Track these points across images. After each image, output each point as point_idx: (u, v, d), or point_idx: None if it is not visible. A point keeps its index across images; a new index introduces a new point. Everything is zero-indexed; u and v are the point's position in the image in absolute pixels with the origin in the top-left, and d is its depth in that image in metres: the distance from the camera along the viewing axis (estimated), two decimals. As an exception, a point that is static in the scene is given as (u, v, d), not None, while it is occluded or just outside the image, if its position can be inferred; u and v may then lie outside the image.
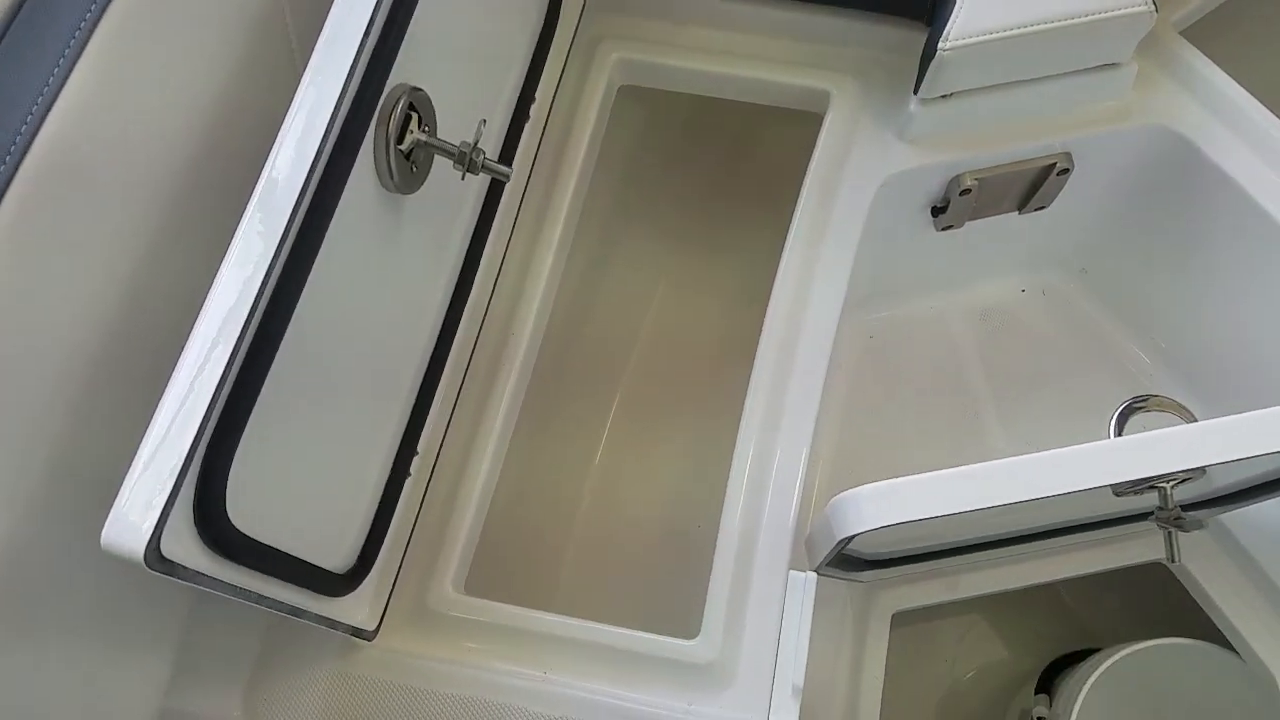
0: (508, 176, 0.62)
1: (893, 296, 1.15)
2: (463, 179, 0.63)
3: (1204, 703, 1.14)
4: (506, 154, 0.80)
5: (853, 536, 0.70)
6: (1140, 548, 1.07)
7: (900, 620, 1.29)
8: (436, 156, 0.64)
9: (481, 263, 0.79)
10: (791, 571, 0.79)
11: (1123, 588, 1.23)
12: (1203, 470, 0.71)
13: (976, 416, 1.10)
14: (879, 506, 0.67)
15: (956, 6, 0.79)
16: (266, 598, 0.56)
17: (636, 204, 1.18)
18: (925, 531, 0.90)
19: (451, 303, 0.76)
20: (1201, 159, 0.89)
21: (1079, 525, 1.00)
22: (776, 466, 0.81)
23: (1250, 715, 1.08)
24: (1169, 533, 0.79)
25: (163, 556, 0.46)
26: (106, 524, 0.45)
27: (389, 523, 0.72)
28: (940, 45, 0.80)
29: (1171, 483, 0.74)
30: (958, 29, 0.79)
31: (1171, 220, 0.97)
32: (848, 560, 0.95)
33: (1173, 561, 0.78)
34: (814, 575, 0.79)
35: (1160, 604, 1.16)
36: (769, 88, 0.93)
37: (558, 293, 0.89)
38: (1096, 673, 1.12)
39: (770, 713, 0.73)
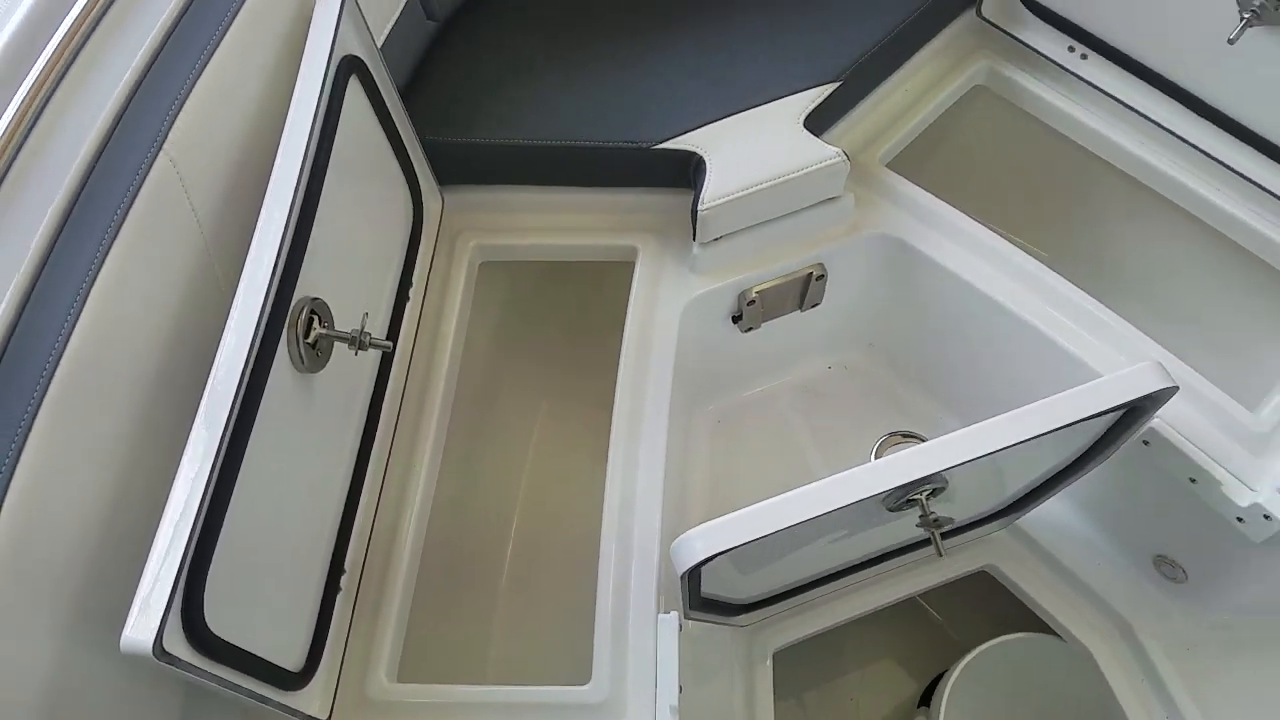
0: (390, 349, 0.86)
1: (730, 387, 1.42)
2: (356, 355, 0.87)
3: (1041, 684, 1.36)
4: (394, 326, 1.05)
5: (695, 569, 0.88)
6: (965, 560, 1.31)
7: (798, 666, 1.49)
8: (335, 342, 0.87)
9: (382, 414, 1.02)
10: (660, 615, 0.99)
11: (975, 597, 1.43)
12: (944, 481, 0.95)
13: (809, 470, 1.35)
14: (706, 542, 0.84)
15: (705, 179, 1.09)
16: (240, 686, 0.74)
17: (512, 346, 1.44)
18: (769, 570, 1.12)
19: (360, 449, 0.98)
20: (915, 251, 1.19)
21: (903, 547, 1.23)
22: (637, 534, 1.03)
23: (1076, 688, 1.29)
24: (933, 534, 1.02)
25: (165, 651, 0.65)
26: (123, 634, 0.64)
27: (328, 630, 0.91)
28: (699, 208, 1.09)
29: (922, 493, 0.96)
30: (708, 195, 1.09)
31: (910, 297, 1.27)
32: (718, 605, 1.15)
33: (940, 556, 1.01)
34: (675, 615, 0.99)
35: (1008, 605, 1.38)
36: (591, 249, 1.21)
37: (450, 426, 1.12)
38: (951, 679, 1.33)
39: (656, 733, 0.92)
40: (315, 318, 0.83)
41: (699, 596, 1.04)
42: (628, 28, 1.25)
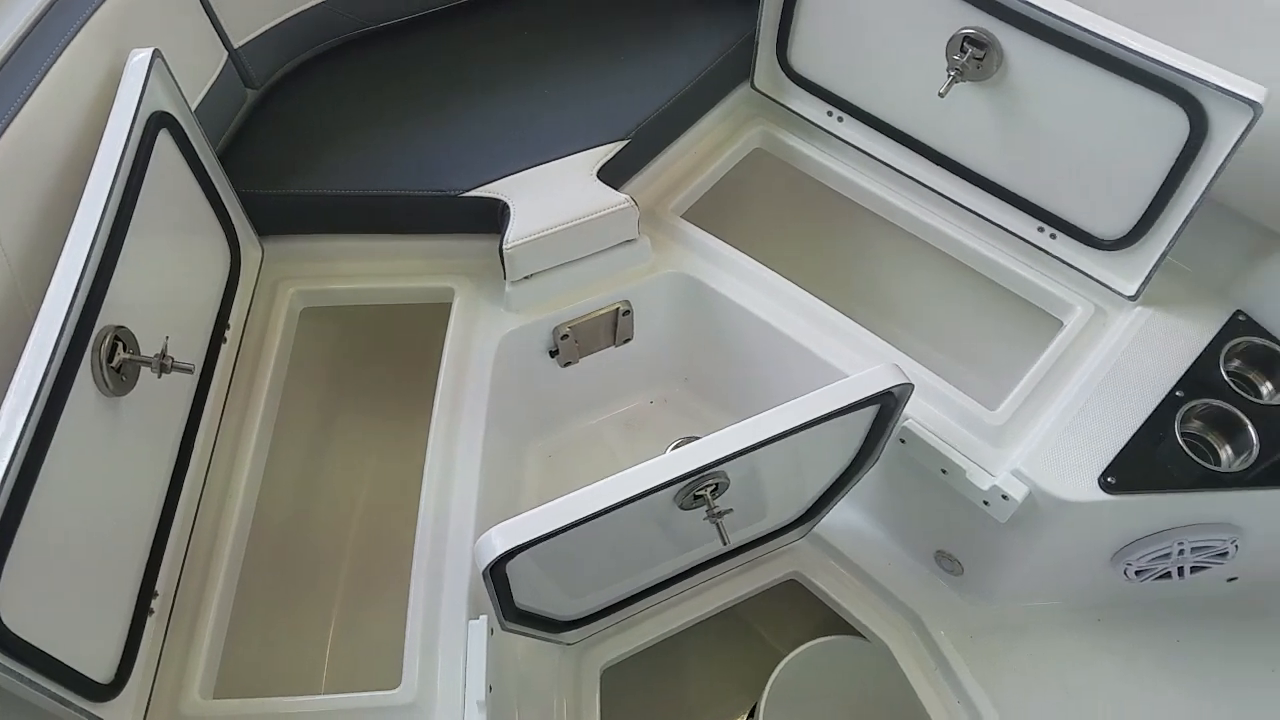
0: (191, 369, 0.94)
1: (558, 424, 1.54)
2: (159, 378, 0.95)
3: (851, 684, 1.48)
4: (209, 363, 1.12)
5: (498, 566, 0.95)
6: (774, 569, 1.44)
7: (629, 684, 1.56)
8: (142, 368, 0.95)
9: (196, 443, 1.08)
10: (470, 621, 1.07)
11: (794, 605, 1.54)
12: (724, 475, 1.07)
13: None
14: (505, 538, 0.91)
15: (509, 222, 1.24)
16: (39, 685, 0.79)
17: (344, 386, 1.54)
18: (585, 581, 1.21)
19: (175, 475, 1.04)
20: (705, 287, 1.36)
21: (717, 557, 1.35)
22: (450, 546, 1.12)
23: (881, 684, 1.42)
24: (718, 526, 1.13)
25: (-45, 636, 0.70)
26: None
27: (138, 650, 0.95)
28: (504, 247, 1.23)
29: (706, 488, 1.08)
30: (511, 236, 1.23)
31: (708, 330, 1.43)
32: (540, 621, 1.23)
33: (725, 545, 1.13)
34: (484, 619, 1.07)
35: (824, 611, 1.49)
36: (410, 292, 1.33)
37: (278, 455, 1.19)
38: (766, 691, 1.44)
39: (464, 729, 0.99)
40: (119, 344, 0.91)
41: (514, 607, 1.12)
42: (440, 94, 1.41)
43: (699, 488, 1.05)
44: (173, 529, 1.03)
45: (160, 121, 1.02)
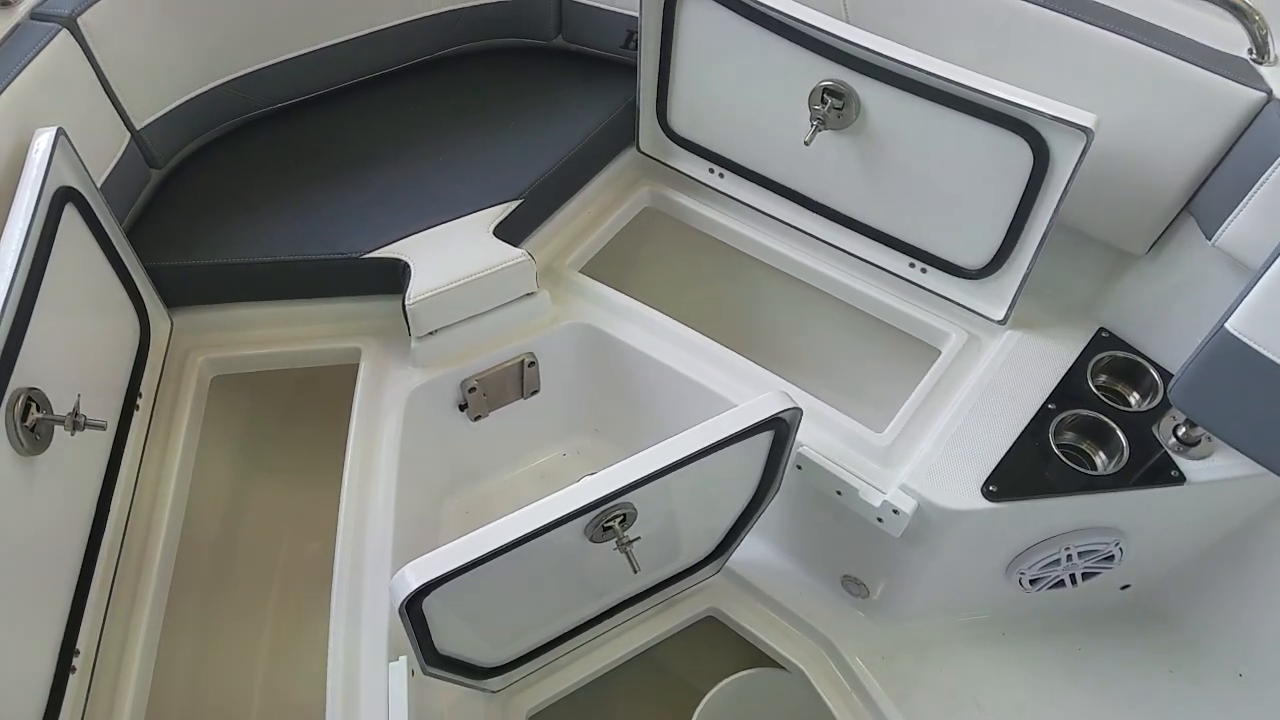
0: (103, 426, 1.03)
1: (473, 480, 1.66)
2: (72, 435, 1.03)
3: (773, 714, 1.58)
4: (122, 432, 1.21)
5: (414, 603, 1.04)
6: (692, 605, 1.55)
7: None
8: (55, 427, 1.03)
9: (112, 510, 1.16)
10: (390, 664, 1.15)
11: (715, 642, 1.63)
12: (633, 509, 1.18)
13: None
14: (418, 573, 1.00)
15: (411, 280, 1.36)
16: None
17: (259, 451, 1.64)
18: (505, 624, 1.29)
19: (92, 536, 1.12)
20: (605, 335, 1.51)
21: (635, 596, 1.45)
22: (367, 593, 1.21)
23: (801, 712, 1.53)
24: (628, 555, 1.23)
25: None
26: None
27: (60, 708, 1.02)
28: (407, 304, 1.36)
29: (615, 519, 1.17)
30: (413, 292, 1.36)
31: (614, 378, 1.58)
32: (463, 666, 1.31)
33: (635, 572, 1.23)
34: (404, 660, 1.15)
35: (740, 646, 1.59)
36: (318, 354, 1.45)
37: (185, 523, 1.27)
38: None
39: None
40: (33, 404, 1.00)
41: (435, 652, 1.20)
42: (338, 166, 1.57)
43: (607, 519, 1.16)
44: (92, 588, 1.10)
45: (66, 196, 1.13)
